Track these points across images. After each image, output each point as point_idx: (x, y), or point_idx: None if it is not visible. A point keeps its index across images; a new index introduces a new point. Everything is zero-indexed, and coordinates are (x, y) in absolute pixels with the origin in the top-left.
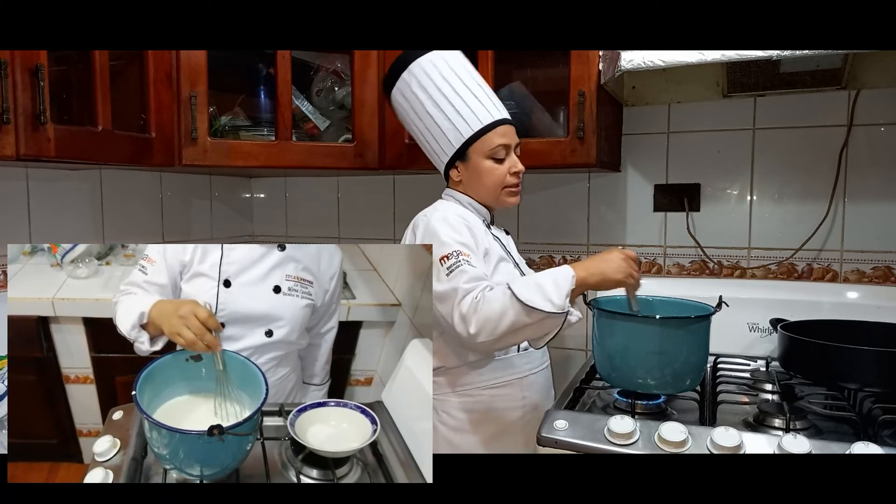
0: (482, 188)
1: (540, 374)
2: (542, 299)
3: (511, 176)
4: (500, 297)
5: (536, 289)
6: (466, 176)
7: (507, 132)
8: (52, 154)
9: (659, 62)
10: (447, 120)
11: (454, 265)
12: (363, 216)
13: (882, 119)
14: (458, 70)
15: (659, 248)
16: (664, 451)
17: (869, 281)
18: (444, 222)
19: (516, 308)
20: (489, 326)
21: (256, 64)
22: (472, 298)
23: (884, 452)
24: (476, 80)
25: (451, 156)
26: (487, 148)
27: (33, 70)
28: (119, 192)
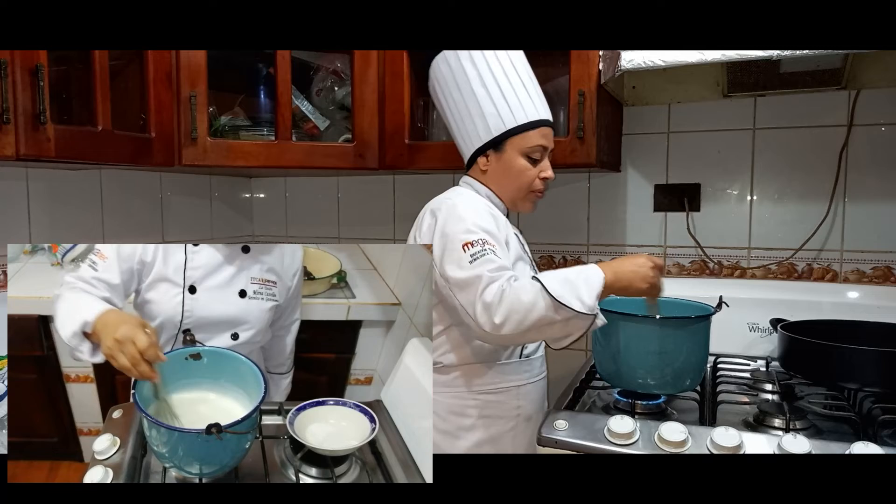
0: (508, 185)
1: (537, 385)
2: (573, 297)
3: (540, 181)
4: (530, 288)
5: (568, 285)
6: (495, 168)
7: (548, 134)
8: (52, 154)
9: (659, 62)
10: (492, 104)
11: (480, 252)
12: (363, 216)
13: (882, 119)
14: (514, 58)
15: (659, 248)
16: (664, 451)
17: (869, 281)
18: (471, 208)
19: (546, 302)
20: (516, 317)
21: (256, 64)
22: (499, 287)
23: (884, 452)
24: (529, 74)
25: (485, 142)
26: (527, 145)
27: (33, 70)
28: (119, 192)
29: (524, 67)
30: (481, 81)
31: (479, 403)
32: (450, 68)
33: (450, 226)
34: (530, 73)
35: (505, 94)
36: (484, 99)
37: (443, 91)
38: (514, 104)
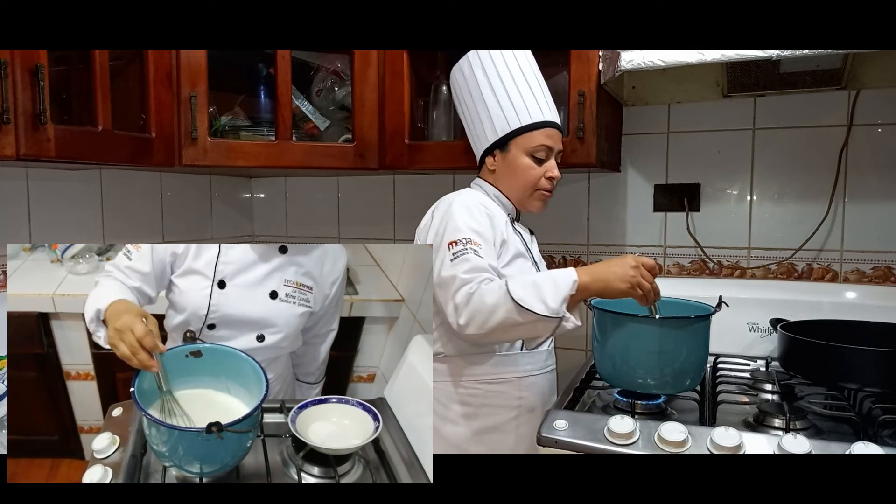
0: (514, 184)
1: (542, 377)
2: (536, 301)
3: (545, 180)
4: (496, 291)
5: (533, 289)
6: (502, 167)
7: (553, 135)
8: (52, 154)
9: (659, 62)
10: (498, 106)
11: (461, 252)
12: (363, 216)
13: (882, 119)
14: (521, 62)
15: (659, 248)
16: (664, 451)
17: (869, 281)
18: (463, 207)
19: (509, 305)
20: (479, 319)
21: (256, 64)
22: (468, 290)
23: (884, 452)
24: (537, 78)
25: (492, 142)
26: (530, 144)
27: (33, 70)
28: (119, 192)
29: (531, 70)
30: (490, 86)
31: (480, 392)
32: (464, 76)
33: (441, 224)
34: (538, 76)
35: (511, 97)
36: (491, 102)
37: (459, 98)
38: (519, 105)
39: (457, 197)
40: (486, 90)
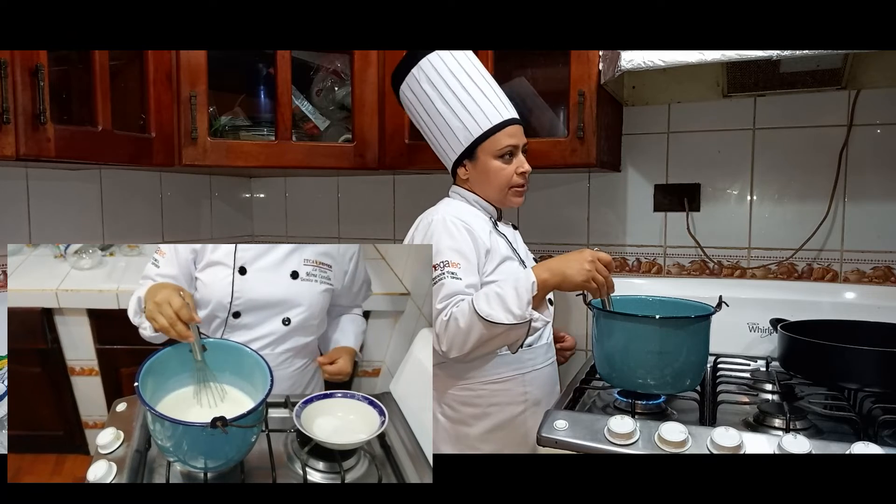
0: (489, 187)
1: (544, 370)
2: (502, 312)
3: (518, 176)
4: (466, 312)
5: (498, 301)
6: (474, 175)
7: (515, 132)
8: (52, 154)
9: (659, 62)
10: (456, 118)
11: (438, 277)
12: (363, 216)
13: (882, 119)
14: (467, 67)
15: (659, 248)
16: (664, 451)
17: (869, 281)
18: (442, 227)
19: (479, 324)
20: (458, 343)
21: (256, 64)
22: (443, 318)
23: (884, 452)
24: (485, 78)
25: (459, 154)
26: (496, 148)
27: (33, 70)
28: (119, 192)
29: (477, 71)
30: (443, 99)
31: (486, 393)
32: (413, 94)
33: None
34: (485, 75)
35: (466, 106)
36: (449, 115)
37: (414, 116)
38: (476, 112)
39: (435, 215)
40: (440, 104)
